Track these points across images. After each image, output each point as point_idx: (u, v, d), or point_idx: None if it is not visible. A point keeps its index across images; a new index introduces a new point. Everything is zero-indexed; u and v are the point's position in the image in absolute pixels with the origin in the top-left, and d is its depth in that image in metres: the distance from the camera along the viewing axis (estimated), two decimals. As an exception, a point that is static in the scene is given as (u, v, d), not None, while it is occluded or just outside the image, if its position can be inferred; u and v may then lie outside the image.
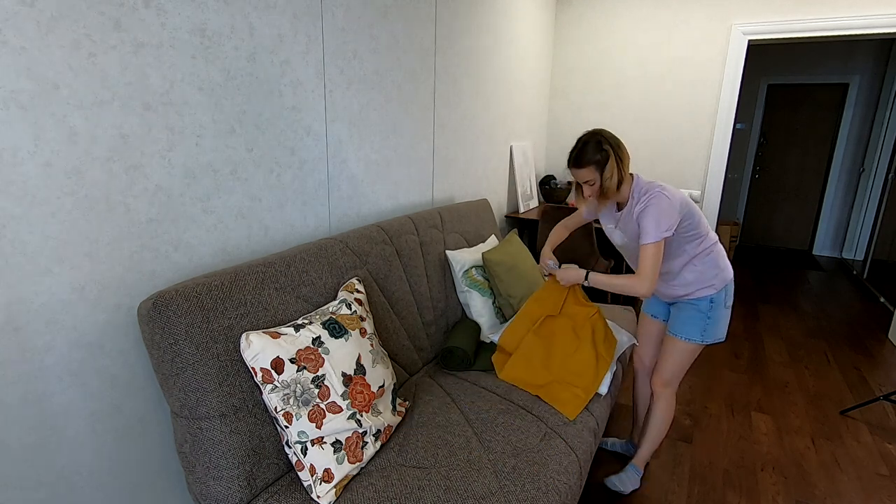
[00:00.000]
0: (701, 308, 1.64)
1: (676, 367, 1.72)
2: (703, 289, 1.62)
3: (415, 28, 2.05)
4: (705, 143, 3.48)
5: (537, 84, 3.64)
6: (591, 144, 1.52)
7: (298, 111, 1.51)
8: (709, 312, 1.63)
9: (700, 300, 1.64)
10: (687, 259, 1.61)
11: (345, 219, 1.79)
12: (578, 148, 1.54)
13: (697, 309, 1.64)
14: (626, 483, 1.82)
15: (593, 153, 1.51)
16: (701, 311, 1.64)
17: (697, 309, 1.64)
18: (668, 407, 1.77)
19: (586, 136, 1.55)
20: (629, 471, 1.84)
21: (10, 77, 0.88)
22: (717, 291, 1.62)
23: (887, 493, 1.87)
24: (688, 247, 1.60)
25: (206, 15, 1.20)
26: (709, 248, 1.62)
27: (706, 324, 1.64)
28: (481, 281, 2.05)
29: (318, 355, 1.18)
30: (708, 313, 1.64)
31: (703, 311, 1.64)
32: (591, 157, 1.52)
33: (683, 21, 3.38)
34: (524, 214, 3.42)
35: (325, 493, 1.12)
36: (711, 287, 1.62)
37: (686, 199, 1.57)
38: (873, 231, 4.79)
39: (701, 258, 1.61)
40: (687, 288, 1.64)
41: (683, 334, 1.67)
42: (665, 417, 1.78)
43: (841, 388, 2.66)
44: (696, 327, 1.65)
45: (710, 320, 1.64)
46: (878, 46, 5.05)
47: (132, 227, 1.11)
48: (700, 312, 1.64)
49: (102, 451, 1.12)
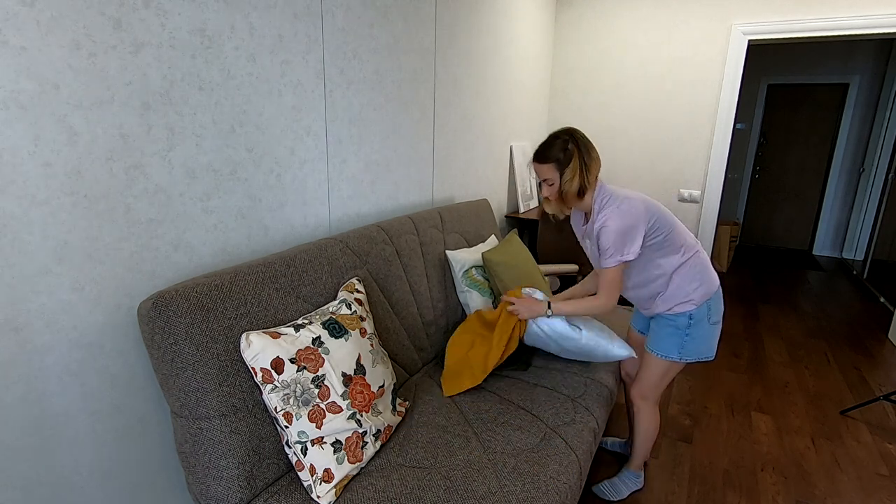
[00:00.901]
0: (678, 325, 1.54)
1: (653, 382, 1.64)
2: (681, 304, 1.52)
3: (415, 28, 2.05)
4: (705, 143, 3.48)
5: (537, 84, 3.63)
6: (558, 141, 1.44)
7: (298, 111, 1.51)
8: (687, 329, 1.53)
9: (677, 316, 1.53)
10: (661, 272, 1.51)
11: (345, 219, 1.79)
12: (544, 142, 1.48)
13: (675, 325, 1.54)
14: (620, 488, 1.80)
15: (558, 151, 1.44)
16: (678, 327, 1.54)
17: (675, 325, 1.54)
18: (648, 419, 1.71)
19: (558, 132, 1.48)
20: (623, 476, 1.82)
21: (10, 77, 0.88)
22: (696, 307, 1.51)
23: (887, 493, 1.87)
24: (661, 259, 1.50)
25: (206, 15, 1.20)
26: (686, 260, 1.51)
27: (684, 341, 1.54)
28: (481, 281, 2.05)
29: (318, 355, 1.18)
30: (686, 330, 1.53)
31: (681, 329, 1.53)
32: (553, 155, 1.45)
33: (683, 21, 3.38)
34: (524, 214, 3.42)
35: (325, 493, 1.12)
36: (689, 302, 1.51)
37: (654, 208, 1.46)
38: (873, 231, 4.79)
39: (678, 270, 1.51)
40: (665, 303, 1.54)
41: (660, 351, 1.58)
42: (647, 429, 1.72)
43: (841, 388, 2.66)
44: (672, 344, 1.55)
45: (689, 338, 1.53)
46: (878, 46, 5.05)
47: (132, 227, 1.11)
48: (677, 329, 1.54)
49: (102, 451, 1.12)
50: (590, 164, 1.45)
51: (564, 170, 1.44)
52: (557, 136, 1.46)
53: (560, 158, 1.44)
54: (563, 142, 1.44)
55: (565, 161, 1.43)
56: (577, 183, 1.43)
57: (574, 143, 1.44)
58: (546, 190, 1.51)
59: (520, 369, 1.77)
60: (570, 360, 1.83)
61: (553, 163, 1.45)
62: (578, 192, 1.45)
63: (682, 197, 3.62)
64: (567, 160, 1.43)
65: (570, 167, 1.43)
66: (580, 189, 1.45)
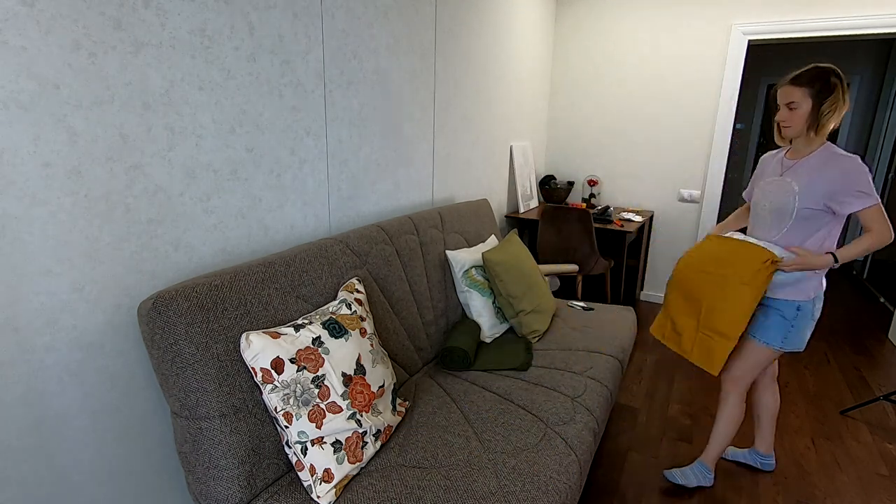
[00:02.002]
0: (786, 315, 1.58)
1: (748, 369, 1.69)
2: (798, 292, 1.56)
3: (415, 28, 2.05)
4: (705, 143, 3.48)
5: (537, 84, 3.64)
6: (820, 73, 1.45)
7: (298, 111, 1.51)
8: (793, 320, 1.58)
9: (788, 304, 1.58)
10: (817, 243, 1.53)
11: (345, 219, 1.79)
12: (806, 69, 1.48)
13: (782, 315, 1.59)
14: (690, 477, 1.82)
15: (818, 79, 1.44)
16: (786, 317, 1.59)
17: (782, 315, 1.59)
18: (733, 410, 1.75)
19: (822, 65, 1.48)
20: (696, 467, 1.84)
21: (10, 77, 0.88)
22: (808, 299, 1.56)
23: (887, 493, 1.87)
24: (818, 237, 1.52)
25: (206, 15, 1.20)
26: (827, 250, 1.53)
27: (789, 331, 1.59)
28: (481, 281, 2.05)
29: (318, 355, 1.18)
30: (793, 321, 1.58)
31: (788, 319, 1.58)
32: (812, 80, 1.45)
33: (683, 21, 3.38)
34: (524, 214, 3.42)
35: (325, 493, 1.12)
36: (804, 293, 1.56)
37: None
38: (873, 231, 4.78)
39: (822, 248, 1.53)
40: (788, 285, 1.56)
41: (763, 338, 1.63)
42: (730, 420, 1.76)
43: (841, 388, 2.66)
44: (778, 333, 1.60)
45: (794, 329, 1.59)
46: (878, 46, 5.05)
47: (132, 227, 1.11)
48: (784, 319, 1.59)
49: (102, 450, 1.12)
50: (841, 108, 1.46)
51: (825, 100, 1.45)
52: (823, 69, 1.46)
53: (819, 88, 1.44)
54: (828, 73, 1.45)
55: (826, 91, 1.44)
56: (829, 117, 1.45)
57: (839, 80, 1.44)
58: (784, 114, 1.51)
59: (520, 369, 1.78)
60: (570, 360, 1.83)
61: (810, 88, 1.46)
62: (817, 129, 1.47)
63: (682, 197, 3.62)
64: (829, 90, 1.44)
65: (830, 98, 1.44)
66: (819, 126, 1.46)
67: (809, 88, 1.46)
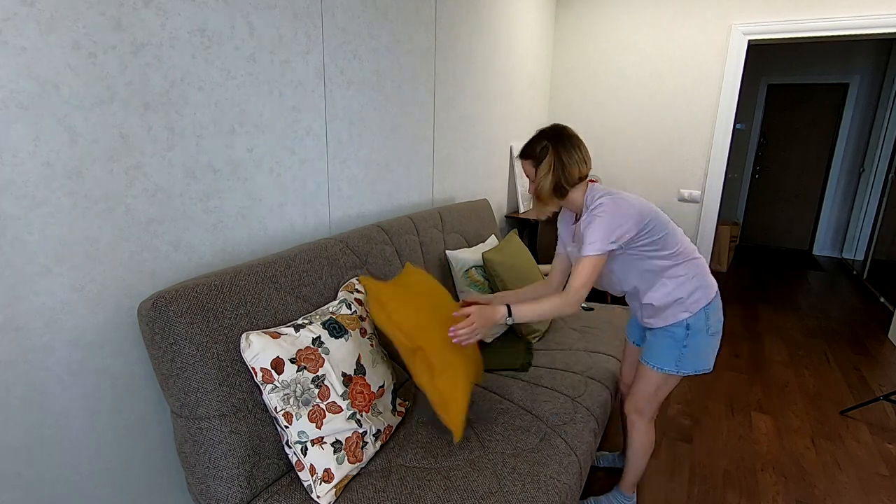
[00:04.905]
0: (676, 336, 1.44)
1: (649, 396, 1.54)
2: (677, 313, 1.43)
3: (415, 28, 2.05)
4: (705, 143, 3.48)
5: (537, 84, 3.64)
6: (538, 138, 1.42)
7: (298, 111, 1.51)
8: (685, 340, 1.43)
9: (674, 326, 1.44)
10: (654, 279, 1.43)
11: (345, 219, 1.79)
12: (530, 138, 1.45)
13: (672, 336, 1.44)
14: None
15: (535, 147, 1.41)
16: (676, 339, 1.44)
17: (672, 336, 1.44)
18: (642, 438, 1.59)
19: (544, 128, 1.44)
20: (613, 496, 1.70)
21: (10, 77, 0.88)
22: (692, 315, 1.42)
23: (887, 493, 1.87)
24: (653, 263, 1.42)
25: (206, 15, 1.20)
26: (682, 262, 1.43)
27: (681, 353, 1.44)
28: (481, 281, 2.05)
29: (318, 355, 1.18)
30: (684, 341, 1.43)
31: (678, 340, 1.44)
32: (529, 151, 1.42)
33: (683, 21, 3.38)
34: (524, 214, 3.42)
35: (325, 493, 1.12)
36: (686, 311, 1.42)
37: (652, 210, 1.40)
38: (873, 231, 4.79)
39: (672, 270, 1.42)
40: (659, 314, 1.45)
41: (656, 363, 1.48)
42: (640, 449, 1.61)
43: (841, 388, 2.66)
44: (670, 356, 1.46)
45: (687, 349, 1.44)
46: (878, 46, 5.05)
47: (132, 227, 1.11)
48: (675, 341, 1.44)
49: (102, 450, 1.12)
50: (568, 162, 1.39)
51: (539, 165, 1.41)
52: (542, 133, 1.43)
53: (535, 155, 1.42)
54: (542, 138, 1.42)
55: (540, 157, 1.40)
56: (552, 180, 1.39)
57: (551, 140, 1.40)
58: (530, 186, 1.47)
59: (520, 369, 1.77)
60: (570, 360, 1.83)
61: (530, 159, 1.43)
62: (555, 190, 1.40)
63: (681, 197, 3.62)
64: (542, 156, 1.40)
65: (543, 163, 1.40)
66: (556, 187, 1.40)
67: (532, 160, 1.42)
